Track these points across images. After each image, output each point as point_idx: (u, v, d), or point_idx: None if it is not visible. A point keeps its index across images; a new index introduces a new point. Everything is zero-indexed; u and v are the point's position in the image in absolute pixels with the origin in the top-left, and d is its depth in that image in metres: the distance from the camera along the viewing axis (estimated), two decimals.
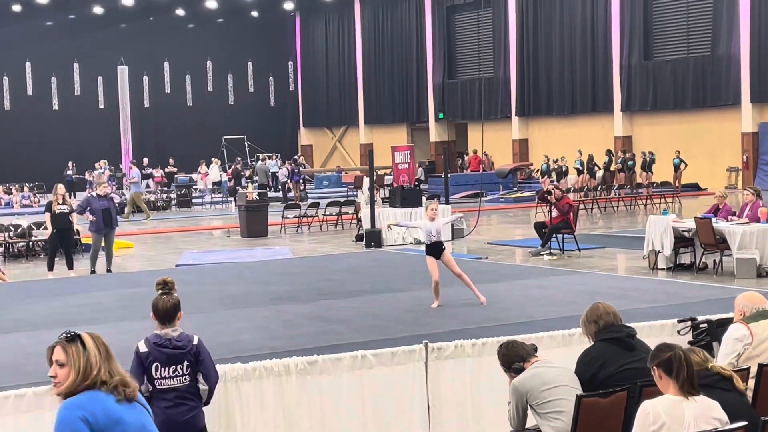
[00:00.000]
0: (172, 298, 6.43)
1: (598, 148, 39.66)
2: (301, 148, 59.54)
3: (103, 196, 19.29)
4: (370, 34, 54.01)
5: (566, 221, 20.27)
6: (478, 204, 28.30)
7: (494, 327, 11.70)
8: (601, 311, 6.72)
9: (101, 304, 15.21)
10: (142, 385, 6.27)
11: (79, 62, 52.99)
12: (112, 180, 43.82)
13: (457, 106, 48.71)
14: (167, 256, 22.48)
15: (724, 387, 5.62)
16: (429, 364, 7.53)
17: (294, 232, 27.06)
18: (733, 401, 5.54)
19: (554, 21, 43.44)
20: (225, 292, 16.05)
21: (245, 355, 10.10)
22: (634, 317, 8.68)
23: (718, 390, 5.56)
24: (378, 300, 14.79)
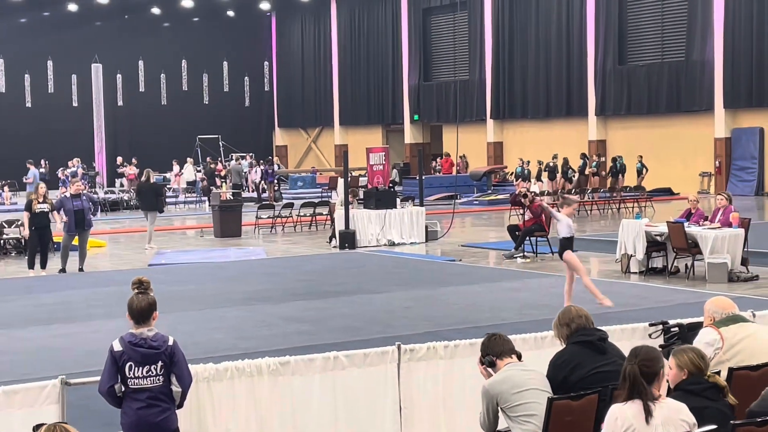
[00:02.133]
0: (148, 297, 6.39)
1: (572, 152, 39.80)
2: (276, 148, 59.44)
3: (77, 196, 19.13)
4: (346, 35, 54.00)
5: (540, 224, 20.34)
6: (452, 206, 28.34)
7: (467, 329, 11.72)
8: (573, 314, 6.73)
9: (73, 303, 15.14)
10: (116, 384, 6.22)
11: (53, 60, 52.69)
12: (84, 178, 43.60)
13: (433, 108, 48.76)
14: (140, 256, 22.39)
15: (710, 396, 5.63)
16: (401, 365, 7.52)
17: (268, 233, 27.01)
18: (714, 412, 5.56)
19: (530, 24, 43.57)
20: (198, 292, 16.01)
21: (217, 355, 10.08)
22: (606, 321, 8.73)
23: (701, 398, 5.58)
24: (351, 301, 14.80)
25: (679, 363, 5.73)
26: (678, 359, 5.75)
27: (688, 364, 5.69)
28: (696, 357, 5.72)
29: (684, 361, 5.71)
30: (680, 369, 5.72)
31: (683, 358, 5.73)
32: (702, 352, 5.85)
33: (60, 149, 48.17)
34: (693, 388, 5.62)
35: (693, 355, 5.73)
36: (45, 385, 6.52)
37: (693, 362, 5.68)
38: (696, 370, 5.66)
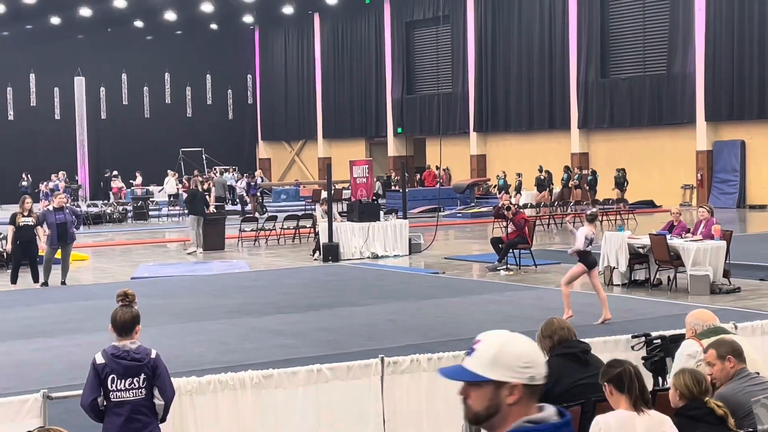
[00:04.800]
0: (131, 310, 6.38)
1: (555, 165, 39.91)
2: (260, 161, 59.38)
3: (60, 209, 19.02)
4: (330, 48, 54.05)
5: (523, 236, 20.36)
6: (436, 219, 28.36)
7: (450, 342, 11.71)
8: (556, 326, 6.75)
9: (55, 317, 15.07)
10: (99, 397, 6.20)
11: (36, 73, 52.54)
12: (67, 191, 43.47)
13: (416, 121, 48.83)
14: (123, 269, 22.31)
15: (711, 421, 5.64)
16: (385, 378, 7.53)
17: (251, 246, 26.96)
18: None
19: (512, 38, 43.72)
20: (180, 306, 15.96)
21: (200, 368, 10.05)
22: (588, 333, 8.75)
23: (704, 423, 5.59)
24: (334, 314, 14.78)
25: (675, 383, 5.76)
26: (674, 380, 5.78)
27: (681, 386, 5.71)
28: (690, 380, 5.72)
29: (678, 383, 5.73)
30: (675, 389, 5.74)
31: (678, 380, 5.75)
32: (699, 375, 5.85)
33: (43, 162, 48.03)
34: (695, 413, 5.62)
35: (687, 378, 5.73)
36: (27, 399, 6.50)
37: (686, 385, 5.69)
38: (689, 393, 5.67)
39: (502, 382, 2.93)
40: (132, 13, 51.19)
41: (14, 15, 48.61)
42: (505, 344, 2.98)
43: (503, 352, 2.95)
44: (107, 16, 50.69)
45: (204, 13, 51.25)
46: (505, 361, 2.94)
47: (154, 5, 49.48)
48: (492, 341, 2.99)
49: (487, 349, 2.97)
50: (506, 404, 2.94)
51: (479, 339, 3.01)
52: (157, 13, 51.34)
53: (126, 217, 38.49)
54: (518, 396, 2.94)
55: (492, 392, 2.95)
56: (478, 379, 2.95)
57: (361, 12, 51.56)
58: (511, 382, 2.93)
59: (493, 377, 2.93)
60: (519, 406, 2.94)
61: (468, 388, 2.99)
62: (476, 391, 2.97)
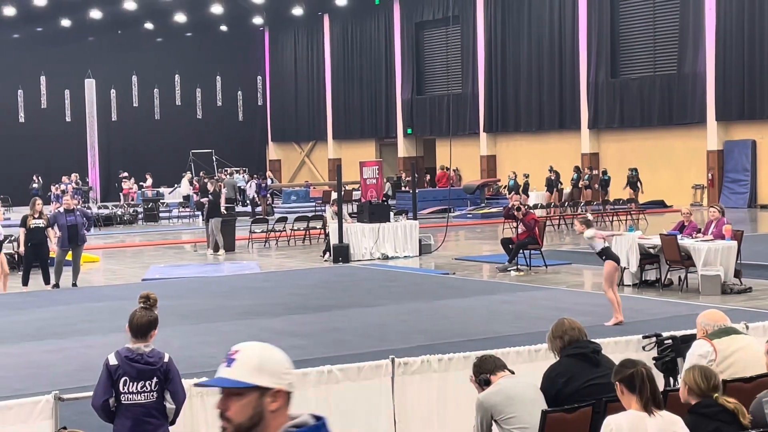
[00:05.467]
0: (150, 314, 6.38)
1: (565, 165, 39.88)
2: (270, 162, 59.44)
3: (70, 211, 19.10)
4: (339, 49, 54.08)
5: (533, 237, 20.34)
6: (446, 219, 28.35)
7: (461, 342, 11.71)
8: (567, 327, 6.75)
9: (66, 318, 15.11)
10: (111, 398, 6.21)
11: (46, 75, 52.66)
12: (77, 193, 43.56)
13: (426, 121, 48.81)
14: (133, 270, 22.35)
15: (724, 419, 5.62)
16: (395, 379, 7.52)
17: (262, 247, 26.99)
18: None
19: (522, 38, 43.68)
20: (192, 307, 15.98)
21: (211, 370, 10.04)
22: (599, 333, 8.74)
23: (717, 422, 5.58)
24: (345, 315, 14.78)
25: (685, 379, 5.74)
26: (684, 376, 5.77)
27: (691, 382, 5.69)
28: (700, 376, 5.69)
29: (688, 379, 5.71)
30: (685, 385, 5.73)
31: (688, 376, 5.73)
32: (709, 371, 5.83)
33: (53, 164, 48.13)
34: (706, 411, 5.60)
35: (697, 374, 5.71)
36: (39, 401, 6.52)
37: (696, 381, 5.67)
38: (698, 389, 5.65)
39: (267, 388, 2.98)
40: (142, 15, 51.32)
41: (25, 17, 48.75)
42: (265, 352, 3.05)
43: (267, 359, 3.02)
44: (117, 19, 50.82)
45: (214, 14, 51.34)
46: (270, 368, 3.00)
47: (164, 7, 49.59)
48: (253, 350, 3.05)
49: (250, 357, 3.02)
50: (269, 411, 2.99)
51: (237, 349, 3.05)
52: (168, 15, 51.44)
53: (137, 219, 38.57)
54: (281, 402, 3.00)
55: (256, 400, 2.99)
56: (245, 386, 2.98)
57: (370, 13, 51.57)
58: (275, 388, 2.99)
59: (260, 383, 2.98)
60: (280, 413, 3.01)
61: (227, 401, 3.02)
62: (238, 401, 3.00)
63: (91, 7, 48.96)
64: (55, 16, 49.87)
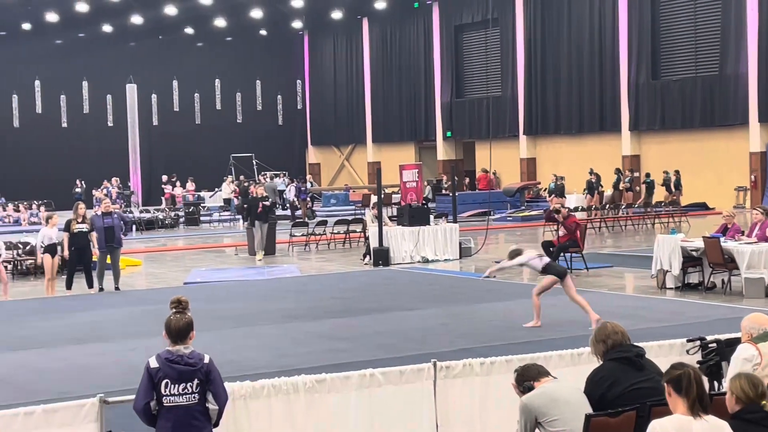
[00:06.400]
0: (185, 317, 6.41)
1: (606, 167, 39.68)
2: (309, 166, 59.63)
3: (107, 214, 19.30)
4: (378, 52, 54.15)
5: (574, 240, 20.25)
6: (486, 223, 28.28)
7: (502, 346, 11.68)
8: (610, 330, 6.71)
9: (109, 322, 15.23)
10: (152, 401, 6.24)
11: (88, 80, 53.17)
12: (120, 198, 43.97)
13: (465, 124, 48.76)
14: (175, 274, 22.49)
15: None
16: (437, 383, 7.51)
17: (302, 251, 27.06)
18: None
19: (562, 40, 43.52)
20: (233, 310, 16.06)
21: (253, 373, 10.09)
22: (642, 337, 8.67)
23: (762, 428, 5.51)
24: (386, 318, 14.79)
25: (731, 387, 5.67)
26: (730, 384, 5.70)
27: (738, 390, 5.62)
28: (747, 384, 5.62)
29: (735, 386, 5.64)
30: (731, 394, 5.66)
31: (735, 384, 5.66)
32: (755, 379, 5.74)
33: (96, 169, 48.58)
34: (751, 417, 5.54)
35: (744, 382, 5.63)
36: (84, 404, 6.57)
37: (742, 388, 5.60)
38: (744, 397, 5.58)
39: None
40: (183, 21, 51.68)
41: (67, 23, 49.26)
42: None
43: None
44: (158, 24, 51.21)
45: (253, 19, 51.58)
46: None
47: (204, 12, 49.88)
48: None
49: None
50: None
51: None
52: (208, 20, 51.75)
53: (178, 223, 38.83)
54: None
55: None
56: None
57: (409, 16, 51.60)
58: None
59: None
60: None
61: None
62: None
63: (133, 13, 49.37)
64: (97, 22, 50.34)
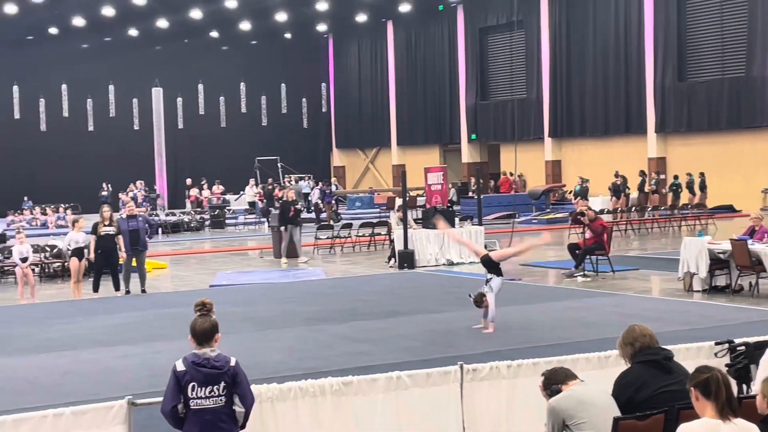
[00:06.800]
0: (210, 319, 6.43)
1: (631, 170, 39.51)
2: (334, 169, 59.70)
3: (132, 217, 19.41)
4: (403, 55, 54.16)
5: (600, 242, 20.18)
6: (511, 225, 28.23)
7: (528, 349, 11.65)
8: (637, 333, 6.67)
9: (135, 324, 15.30)
10: (179, 404, 6.26)
11: (114, 84, 53.45)
12: (146, 201, 44.16)
13: (490, 127, 48.68)
14: (201, 277, 22.57)
15: None
16: (464, 385, 7.50)
17: (327, 253, 27.09)
18: None
19: (587, 42, 43.38)
20: (258, 313, 16.10)
21: (280, 375, 10.12)
22: (670, 339, 8.62)
23: None
24: (411, 321, 14.78)
25: (762, 390, 5.62)
26: (762, 386, 5.65)
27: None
28: None
29: (766, 389, 5.60)
30: (763, 397, 5.61)
31: (766, 386, 5.62)
32: None
33: (122, 172, 48.79)
34: None
35: None
36: (112, 406, 6.60)
37: None
38: None
39: None
40: (208, 24, 51.87)
41: (94, 27, 49.54)
42: None
43: None
44: (184, 28, 51.41)
45: (278, 22, 51.70)
46: None
47: (229, 16, 50.03)
48: None
49: None
50: None
51: None
52: (233, 23, 51.91)
53: (203, 226, 38.97)
54: None
55: None
56: None
57: (434, 19, 51.59)
58: None
59: None
60: None
61: None
62: None
63: (158, 17, 49.58)
64: (123, 25, 50.59)
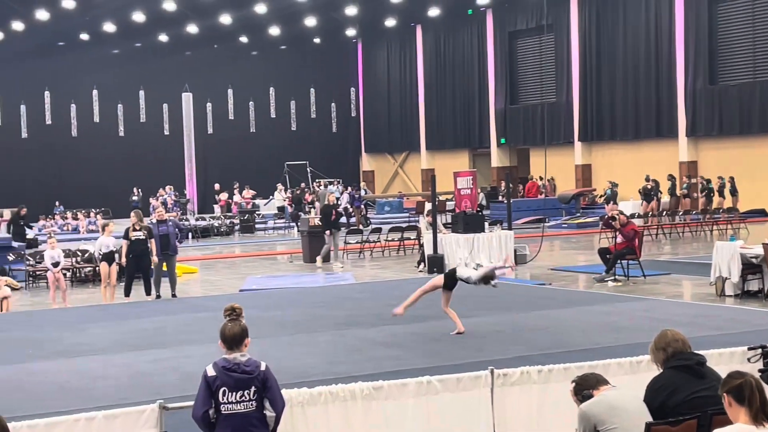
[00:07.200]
0: (239, 324, 6.45)
1: (662, 174, 39.30)
2: (363, 173, 59.75)
3: (162, 222, 19.56)
4: (432, 59, 54.15)
5: (631, 247, 20.07)
6: (541, 230, 28.15)
7: (559, 354, 11.60)
8: (670, 338, 6.63)
9: (166, 329, 15.35)
10: (210, 409, 6.28)
11: (145, 89, 53.77)
12: (176, 205, 44.37)
13: (519, 131, 48.57)
14: (231, 281, 22.63)
15: None
16: (495, 390, 7.47)
17: (356, 258, 27.10)
18: None
19: (617, 45, 43.21)
20: (288, 317, 16.12)
21: (310, 380, 10.12)
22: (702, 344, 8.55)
23: None
24: (442, 325, 14.74)
25: None
26: None
27: None
28: None
29: None
30: None
31: None
32: None
33: (152, 177, 49.07)
34: None
35: None
36: (144, 410, 6.63)
37: None
38: None
39: None
40: (237, 29, 52.09)
41: (124, 33, 49.87)
42: None
43: None
44: (213, 33, 51.66)
45: (307, 27, 51.82)
46: None
47: (258, 21, 50.22)
48: None
49: None
50: None
51: None
52: (262, 28, 52.11)
53: (233, 230, 39.09)
54: None
55: None
56: None
57: (463, 23, 51.55)
58: None
59: None
60: None
61: None
62: None
63: (188, 22, 49.84)
64: (153, 31, 50.90)
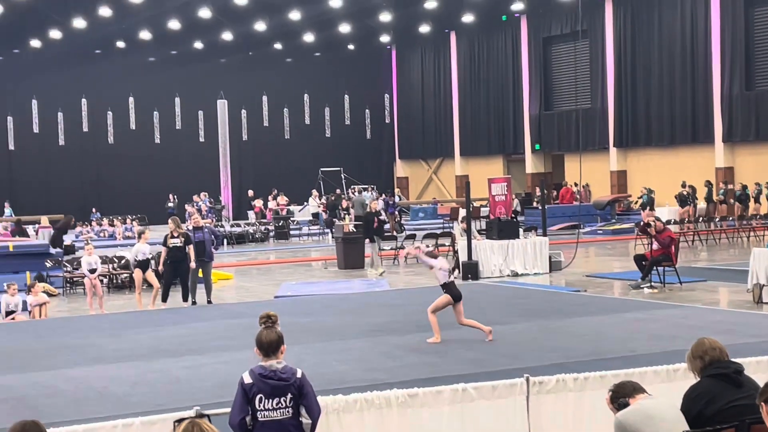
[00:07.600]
0: (275, 331, 6.48)
1: (698, 180, 39.04)
2: (397, 180, 59.77)
3: (198, 228, 19.70)
4: (466, 65, 54.11)
5: (667, 254, 19.95)
6: (576, 236, 28.04)
7: (595, 361, 11.54)
8: (707, 346, 6.58)
9: (202, 335, 15.43)
10: (247, 416, 6.31)
11: (180, 97, 54.11)
12: (211, 212, 44.58)
13: (554, 137, 48.42)
14: (265, 288, 22.71)
15: None
16: (530, 398, 7.46)
17: (390, 264, 27.10)
18: None
19: (653, 50, 42.98)
20: (323, 324, 16.15)
21: (345, 386, 10.14)
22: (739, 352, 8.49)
23: None
24: (476, 332, 14.71)
25: None
26: None
27: None
28: None
29: None
30: None
31: None
32: None
33: (188, 183, 49.33)
34: None
35: None
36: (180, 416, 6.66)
37: None
38: None
39: None
40: (272, 36, 52.30)
41: (160, 41, 50.21)
42: None
43: None
44: (248, 40, 51.91)
45: (341, 34, 51.95)
46: None
47: (293, 28, 50.41)
48: None
49: None
50: None
51: None
52: (296, 35, 52.29)
53: (268, 237, 39.22)
54: None
55: None
56: None
57: (497, 29, 51.48)
58: None
59: None
60: None
61: None
62: None
63: (223, 30, 50.12)
64: (189, 39, 51.21)
